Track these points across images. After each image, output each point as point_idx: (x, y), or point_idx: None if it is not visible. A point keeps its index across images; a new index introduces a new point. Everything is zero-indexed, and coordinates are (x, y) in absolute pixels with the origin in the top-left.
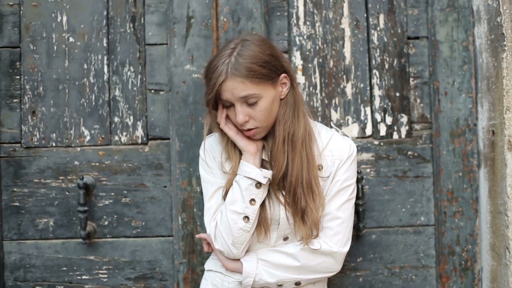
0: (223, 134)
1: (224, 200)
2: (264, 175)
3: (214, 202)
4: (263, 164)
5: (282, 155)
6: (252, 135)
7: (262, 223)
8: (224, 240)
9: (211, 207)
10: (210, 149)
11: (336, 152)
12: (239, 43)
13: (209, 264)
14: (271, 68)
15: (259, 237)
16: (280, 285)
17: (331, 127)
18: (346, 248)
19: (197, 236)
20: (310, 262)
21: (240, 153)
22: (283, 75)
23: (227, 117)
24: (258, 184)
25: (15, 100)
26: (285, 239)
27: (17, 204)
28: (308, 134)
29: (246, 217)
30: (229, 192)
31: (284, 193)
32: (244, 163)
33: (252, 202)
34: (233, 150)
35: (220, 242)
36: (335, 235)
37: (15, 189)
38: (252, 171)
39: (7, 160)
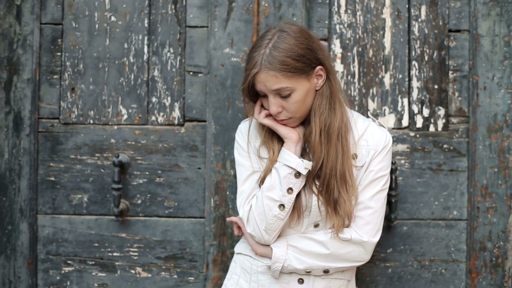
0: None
1: (260, 186)
2: (305, 166)
3: (248, 186)
4: (302, 154)
5: (319, 147)
6: (285, 124)
7: (296, 211)
8: (257, 225)
9: (244, 191)
10: (246, 133)
11: (371, 142)
12: (276, 34)
13: (239, 247)
14: (305, 61)
15: (291, 223)
16: (308, 272)
17: (368, 116)
18: (376, 238)
19: (228, 219)
20: (340, 250)
21: (279, 141)
22: (318, 67)
23: (262, 106)
24: (298, 174)
25: (55, 76)
26: (316, 226)
27: (53, 179)
28: (344, 124)
29: (282, 205)
30: (267, 178)
31: (317, 182)
32: (285, 151)
33: (290, 191)
34: (271, 136)
35: (252, 227)
36: (366, 224)
37: (51, 164)
38: (293, 160)
39: (45, 135)
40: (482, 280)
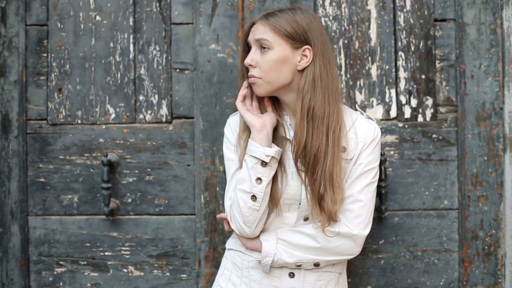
0: None
1: None
2: (267, 153)
3: (234, 181)
4: (283, 143)
5: (301, 131)
6: (252, 81)
7: (274, 202)
8: (236, 219)
9: (230, 186)
10: (234, 127)
11: (360, 135)
12: (292, 7)
13: (230, 243)
14: (298, 31)
15: (278, 216)
16: (299, 265)
17: (356, 109)
18: (366, 231)
19: (218, 216)
20: (330, 244)
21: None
22: (306, 46)
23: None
24: (264, 163)
25: (42, 78)
26: (306, 219)
27: (43, 180)
28: (335, 116)
29: (254, 196)
30: (239, 171)
31: (304, 172)
32: (250, 142)
33: (258, 181)
34: (246, 128)
35: (234, 221)
36: (356, 218)
37: (40, 165)
38: (256, 149)
39: (33, 136)
40: (475, 269)
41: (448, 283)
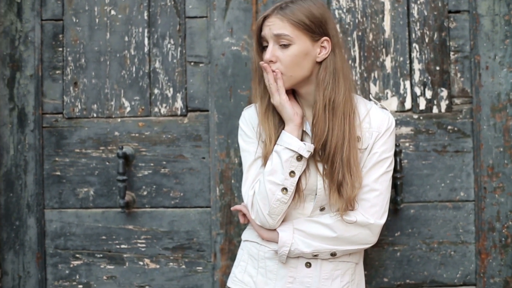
0: (262, 103)
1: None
2: (308, 149)
3: (253, 172)
4: (302, 136)
5: (323, 122)
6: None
7: (297, 193)
8: (260, 210)
9: (249, 177)
10: (250, 119)
11: (374, 124)
12: None
13: (246, 234)
14: (315, 24)
15: (293, 205)
16: (315, 255)
17: (370, 100)
18: (383, 220)
19: (232, 208)
20: (346, 233)
21: (279, 123)
22: (325, 38)
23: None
24: (299, 157)
25: (57, 72)
26: (322, 209)
27: (59, 173)
28: (350, 105)
29: (285, 189)
30: (268, 162)
31: (322, 162)
32: (286, 134)
33: (292, 174)
34: (271, 119)
35: (256, 212)
36: (372, 207)
37: (56, 159)
38: (295, 143)
39: (49, 130)
40: (492, 260)
41: (465, 275)
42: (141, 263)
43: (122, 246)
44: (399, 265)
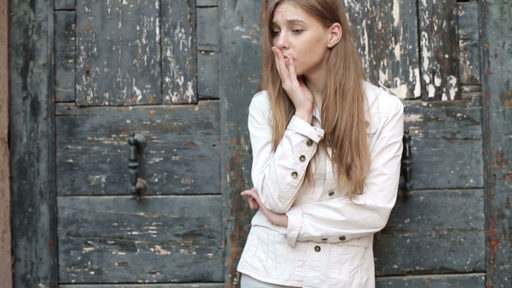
0: (274, 89)
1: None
2: (318, 133)
3: (263, 157)
4: (312, 122)
5: (333, 107)
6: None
7: (307, 177)
8: (270, 193)
9: (259, 162)
10: (260, 106)
11: (382, 109)
12: None
13: (256, 219)
14: (327, 10)
15: (303, 189)
16: (324, 239)
17: (379, 86)
18: (391, 204)
19: (242, 193)
20: (355, 217)
21: (289, 109)
22: (336, 24)
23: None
24: (310, 142)
25: (70, 61)
26: (331, 194)
27: (71, 161)
28: (359, 90)
29: (295, 173)
30: (278, 146)
31: (331, 147)
32: (297, 119)
33: (302, 158)
34: (282, 104)
35: (266, 196)
36: (381, 191)
37: (69, 146)
38: (305, 128)
39: (62, 118)
40: (502, 247)
41: (475, 262)
42: (152, 249)
43: (134, 232)
44: (409, 252)
